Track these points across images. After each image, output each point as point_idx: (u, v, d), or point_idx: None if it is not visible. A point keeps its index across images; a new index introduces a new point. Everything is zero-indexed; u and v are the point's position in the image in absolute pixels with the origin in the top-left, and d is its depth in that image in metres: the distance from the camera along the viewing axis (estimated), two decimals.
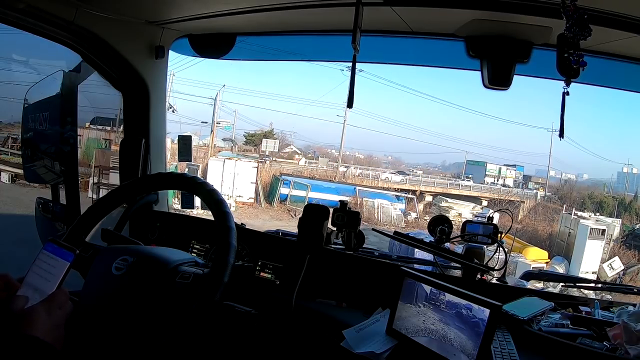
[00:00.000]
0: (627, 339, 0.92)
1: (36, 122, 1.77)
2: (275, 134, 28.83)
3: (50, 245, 0.75)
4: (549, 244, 15.38)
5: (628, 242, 15.47)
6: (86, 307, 0.87)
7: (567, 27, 0.93)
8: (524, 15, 1.09)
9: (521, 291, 1.19)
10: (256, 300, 0.99)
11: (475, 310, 0.88)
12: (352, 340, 0.99)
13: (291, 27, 1.48)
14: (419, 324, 0.95)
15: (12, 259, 3.16)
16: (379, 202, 17.61)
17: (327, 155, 29.51)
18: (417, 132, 62.07)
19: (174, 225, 1.54)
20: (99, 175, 9.00)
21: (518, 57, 1.24)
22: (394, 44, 1.48)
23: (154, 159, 1.63)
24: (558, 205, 21.14)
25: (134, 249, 0.97)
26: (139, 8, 1.39)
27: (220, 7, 1.32)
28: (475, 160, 28.94)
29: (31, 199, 1.89)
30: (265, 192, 17.77)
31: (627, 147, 42.20)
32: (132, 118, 1.61)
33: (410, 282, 0.99)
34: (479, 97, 38.58)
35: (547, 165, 26.27)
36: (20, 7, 1.17)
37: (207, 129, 21.97)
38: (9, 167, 9.10)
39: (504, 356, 0.91)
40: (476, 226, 1.40)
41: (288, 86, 53.79)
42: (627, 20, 1.05)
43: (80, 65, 1.61)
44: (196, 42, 1.61)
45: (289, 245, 1.34)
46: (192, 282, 0.88)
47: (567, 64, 0.95)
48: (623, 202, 21.16)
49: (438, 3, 1.13)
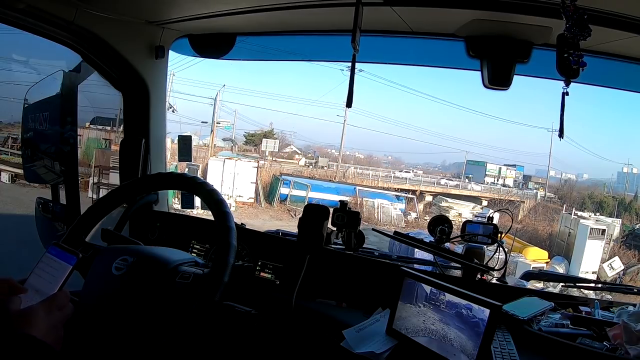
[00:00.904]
0: (627, 339, 0.92)
1: (36, 122, 1.77)
2: (275, 134, 28.86)
3: (53, 249, 0.76)
4: (549, 244, 15.38)
5: (628, 242, 15.46)
6: (86, 307, 0.87)
7: (567, 27, 0.93)
8: (524, 15, 1.09)
9: (521, 291, 1.19)
10: (256, 300, 0.99)
11: (475, 310, 0.88)
12: (352, 340, 0.99)
13: (291, 27, 1.48)
14: (419, 324, 0.95)
15: (12, 259, 3.16)
16: (379, 202, 17.61)
17: (327, 155, 29.51)
18: (417, 132, 62.22)
19: (174, 225, 1.54)
20: (99, 175, 9.00)
21: (518, 57, 1.24)
22: (394, 44, 1.48)
23: (154, 159, 1.63)
24: (558, 205, 21.14)
25: (134, 249, 0.97)
26: (139, 8, 1.39)
27: (220, 7, 1.32)
28: (475, 160, 28.96)
29: (31, 199, 1.89)
30: (265, 192, 17.77)
31: (627, 147, 42.29)
32: (132, 118, 1.61)
33: (410, 282, 0.99)
34: (479, 97, 38.70)
35: (547, 165, 26.31)
36: (20, 7, 1.17)
37: (207, 129, 21.99)
38: (9, 167, 9.09)
39: (504, 356, 0.91)
40: (476, 226, 1.40)
41: (288, 86, 53.95)
42: (627, 20, 1.05)
43: (80, 65, 1.61)
44: (196, 42, 1.61)
45: (289, 245, 1.35)
46: (192, 282, 0.88)
47: (567, 64, 0.95)
48: (623, 202, 21.16)
49: (438, 3, 1.13)
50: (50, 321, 0.66)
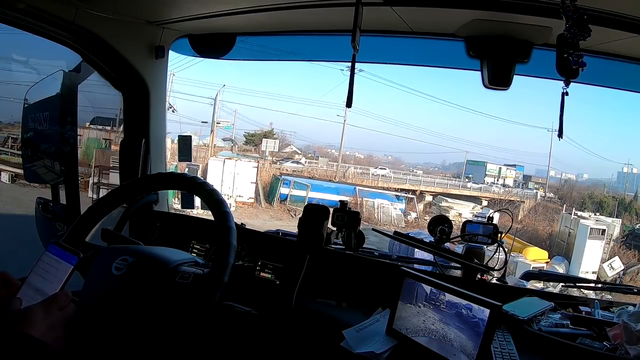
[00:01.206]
0: (627, 339, 0.92)
1: (36, 122, 1.77)
2: (275, 133, 28.85)
3: (53, 248, 0.75)
4: (549, 244, 15.38)
5: (628, 242, 15.47)
6: (86, 307, 0.87)
7: (567, 27, 0.93)
8: (524, 15, 1.09)
9: (521, 291, 1.19)
10: (256, 300, 0.99)
11: (475, 310, 0.88)
12: (352, 340, 0.99)
13: (291, 27, 1.48)
14: (419, 324, 0.95)
15: (12, 259, 3.16)
16: (379, 202, 17.61)
17: (327, 155, 29.51)
18: (417, 132, 62.10)
19: (174, 225, 1.54)
20: (99, 175, 8.99)
21: (518, 57, 1.24)
22: (394, 44, 1.48)
23: (154, 159, 1.63)
24: (558, 205, 21.14)
25: (134, 249, 0.97)
26: (139, 8, 1.39)
27: (220, 7, 1.32)
28: (475, 160, 28.95)
29: (31, 199, 1.89)
30: (265, 192, 17.77)
31: (627, 147, 42.26)
32: (132, 118, 1.61)
33: (410, 282, 0.99)
34: (479, 97, 38.66)
35: (547, 165, 26.31)
36: (20, 7, 1.17)
37: (207, 129, 21.99)
38: (9, 167, 9.09)
39: (504, 356, 0.91)
40: (476, 226, 1.40)
41: (288, 86, 53.92)
42: (627, 20, 1.04)
43: (80, 65, 1.61)
44: (196, 42, 1.61)
45: (289, 245, 1.34)
46: (192, 282, 0.88)
47: (567, 64, 0.95)
48: (623, 202, 21.16)
49: (438, 3, 1.13)
50: (49, 321, 0.66)
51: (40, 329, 0.64)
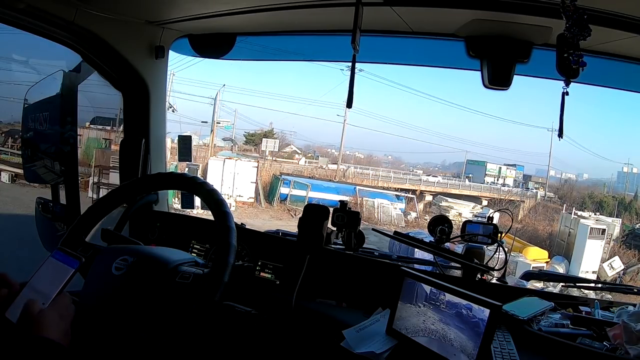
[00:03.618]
0: (627, 339, 0.92)
1: (36, 122, 1.77)
2: (275, 133, 28.82)
3: (58, 253, 0.77)
4: (549, 244, 15.38)
5: (628, 242, 15.47)
6: (86, 307, 0.87)
7: (567, 27, 0.93)
8: (524, 15, 1.09)
9: (521, 291, 1.19)
10: (256, 300, 0.99)
11: (475, 310, 0.88)
12: (352, 340, 0.99)
13: (291, 27, 1.48)
14: (419, 324, 0.95)
15: (12, 259, 3.16)
16: (379, 202, 17.60)
17: (327, 155, 29.51)
18: (417, 132, 62.05)
19: (174, 225, 1.54)
20: (99, 175, 9.01)
21: (518, 57, 1.24)
22: (394, 44, 1.48)
23: (154, 159, 1.63)
24: (558, 204, 21.14)
25: (134, 249, 0.97)
26: (139, 8, 1.39)
27: (220, 7, 1.32)
28: (475, 159, 28.94)
29: (31, 199, 1.89)
30: (265, 192, 17.77)
31: (627, 147, 42.20)
32: (132, 118, 1.61)
33: (410, 282, 0.99)
34: (479, 97, 38.59)
35: (547, 165, 26.27)
36: (20, 7, 1.17)
37: (207, 129, 21.96)
38: (9, 167, 9.10)
39: (504, 356, 0.91)
40: (476, 226, 1.40)
41: (288, 86, 53.87)
42: (627, 20, 1.05)
43: (80, 65, 1.61)
44: (196, 42, 1.61)
45: (289, 245, 1.35)
46: (192, 282, 0.88)
47: (567, 64, 0.95)
48: (623, 202, 21.16)
49: (438, 3, 1.13)
50: (63, 324, 0.69)
51: (57, 332, 0.67)
